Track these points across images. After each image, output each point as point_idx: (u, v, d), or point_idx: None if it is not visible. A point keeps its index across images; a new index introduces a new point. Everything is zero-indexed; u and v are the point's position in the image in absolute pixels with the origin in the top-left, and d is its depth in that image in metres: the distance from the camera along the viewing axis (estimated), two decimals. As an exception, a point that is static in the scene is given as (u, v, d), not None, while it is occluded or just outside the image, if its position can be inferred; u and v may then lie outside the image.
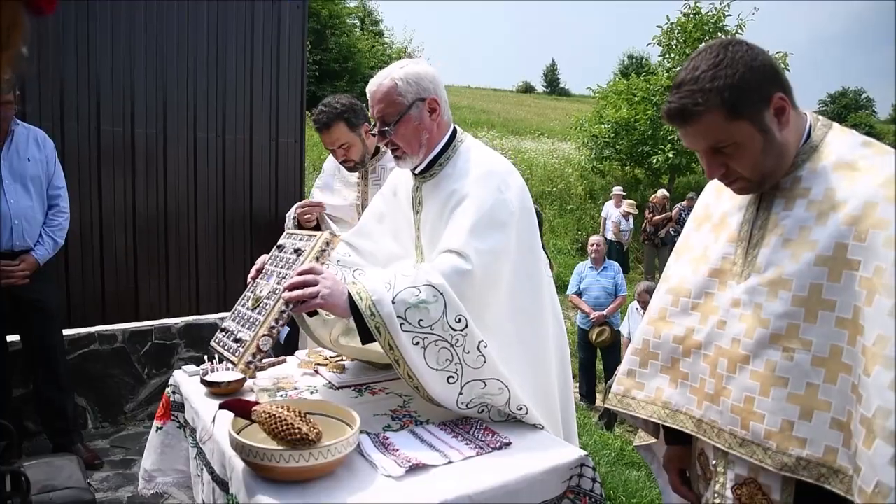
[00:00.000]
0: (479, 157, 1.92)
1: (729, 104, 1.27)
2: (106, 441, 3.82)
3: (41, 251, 3.30)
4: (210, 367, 2.05)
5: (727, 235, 1.48)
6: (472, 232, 1.74)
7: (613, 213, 11.77)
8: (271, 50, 4.51)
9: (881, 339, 1.15)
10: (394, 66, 1.91)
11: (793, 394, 1.28)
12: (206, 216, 4.34)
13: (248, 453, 1.37)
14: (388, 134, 1.89)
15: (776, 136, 1.32)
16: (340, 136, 2.90)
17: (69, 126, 3.78)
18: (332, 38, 22.85)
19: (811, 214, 1.32)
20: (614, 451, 4.48)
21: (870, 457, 1.13)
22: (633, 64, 36.30)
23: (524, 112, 30.77)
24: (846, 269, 1.24)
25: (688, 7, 17.56)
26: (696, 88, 1.29)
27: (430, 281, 1.64)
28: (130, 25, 3.92)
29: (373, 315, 1.60)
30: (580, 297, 6.61)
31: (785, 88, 1.32)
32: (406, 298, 1.61)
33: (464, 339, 1.64)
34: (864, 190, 1.26)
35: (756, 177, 1.36)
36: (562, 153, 19.03)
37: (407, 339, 1.60)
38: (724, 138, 1.31)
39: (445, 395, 1.67)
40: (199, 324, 4.33)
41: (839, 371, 1.24)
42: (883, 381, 1.13)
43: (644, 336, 1.64)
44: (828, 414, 1.24)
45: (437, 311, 1.62)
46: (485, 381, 1.68)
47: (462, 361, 1.64)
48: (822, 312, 1.26)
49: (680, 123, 1.35)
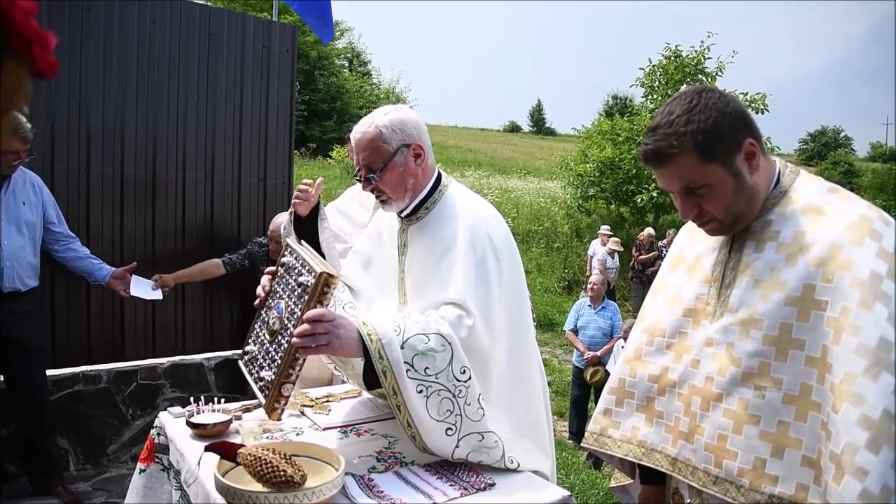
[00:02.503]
0: (465, 202, 1.96)
1: (702, 147, 1.33)
2: (88, 483, 3.75)
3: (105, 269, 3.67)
4: (196, 409, 2.05)
5: (701, 276, 1.53)
6: (469, 282, 1.77)
7: (600, 252, 11.86)
8: (260, 93, 4.59)
9: (848, 377, 1.20)
10: (377, 113, 1.93)
11: (765, 431, 1.32)
12: (193, 255, 4.36)
13: (234, 496, 1.38)
14: (374, 181, 1.90)
15: (747, 179, 1.38)
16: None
17: (59, 167, 3.81)
18: (320, 78, 23.20)
19: (781, 256, 1.37)
20: (602, 491, 4.46)
21: (839, 492, 1.16)
22: (617, 104, 36.98)
23: (511, 151, 31.17)
24: (815, 309, 1.29)
25: (668, 50, 18.02)
26: (671, 132, 1.35)
27: (440, 330, 1.66)
28: (122, 67, 3.99)
29: (381, 358, 1.61)
30: (576, 335, 6.63)
31: (755, 135, 1.39)
32: (415, 345, 1.62)
33: (466, 391, 1.66)
34: (831, 233, 1.31)
35: (728, 218, 1.41)
36: (548, 192, 19.22)
37: (412, 386, 1.61)
38: (697, 179, 1.37)
39: (442, 446, 1.69)
40: (185, 363, 4.30)
41: (809, 409, 1.28)
42: (850, 417, 1.17)
43: (620, 375, 1.67)
44: (799, 452, 1.28)
45: (444, 361, 1.64)
46: (483, 433, 1.69)
47: (462, 413, 1.66)
48: (793, 351, 1.31)
49: (655, 165, 1.40)
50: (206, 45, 4.33)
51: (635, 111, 20.42)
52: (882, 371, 1.18)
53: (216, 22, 4.37)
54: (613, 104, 38.57)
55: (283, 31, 4.76)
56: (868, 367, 1.19)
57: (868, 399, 1.17)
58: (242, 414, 2.13)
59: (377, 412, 2.17)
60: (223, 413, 2.04)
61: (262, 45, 4.58)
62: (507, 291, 1.87)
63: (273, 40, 4.63)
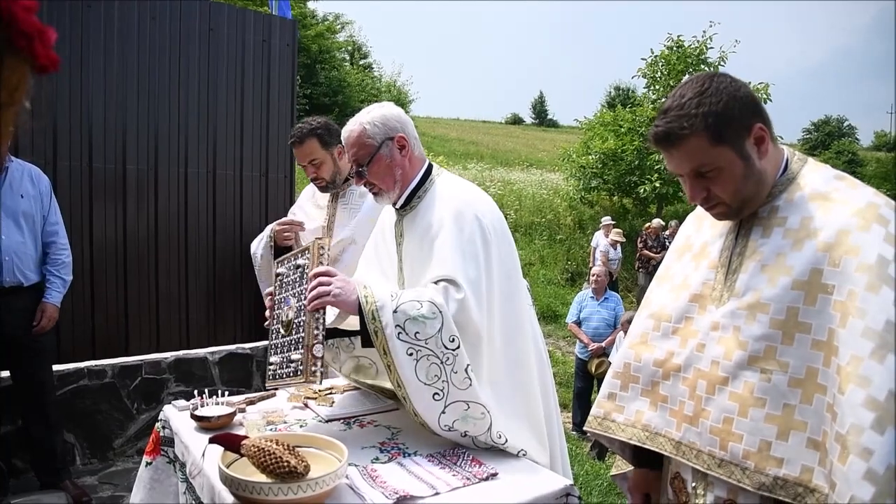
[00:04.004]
0: (453, 188, 2.04)
1: (713, 129, 1.34)
2: (94, 477, 3.78)
3: (54, 294, 3.35)
4: (200, 402, 2.07)
5: (707, 263, 1.53)
6: (458, 260, 1.83)
7: (602, 243, 11.85)
8: (261, 88, 4.59)
9: (855, 359, 1.20)
10: (362, 112, 2.06)
11: (770, 414, 1.32)
12: (197, 251, 4.37)
13: (238, 487, 1.39)
14: (364, 174, 2.02)
15: (756, 163, 1.39)
16: (312, 151, 3.02)
17: (62, 164, 3.82)
18: (322, 72, 23.17)
19: (788, 242, 1.38)
20: (606, 481, 4.47)
21: (844, 472, 1.17)
22: (620, 95, 36.88)
23: (513, 143, 31.09)
24: (821, 293, 1.30)
25: (671, 40, 17.94)
26: (683, 114, 1.36)
27: (433, 299, 1.75)
28: (123, 64, 3.98)
29: (373, 319, 1.73)
30: (579, 327, 6.64)
31: (765, 120, 1.40)
32: (407, 310, 1.72)
33: (454, 359, 1.72)
34: (838, 219, 1.32)
35: (736, 202, 1.42)
36: (550, 184, 19.19)
37: (402, 347, 1.71)
38: (707, 162, 1.38)
39: (429, 410, 1.74)
40: (189, 358, 4.32)
41: (815, 392, 1.28)
42: (856, 398, 1.18)
43: (625, 359, 1.68)
44: (804, 434, 1.28)
45: (434, 328, 1.72)
46: (468, 402, 1.74)
47: (449, 380, 1.72)
48: (799, 335, 1.31)
49: (666, 147, 1.41)
50: (207, 40, 4.32)
51: (638, 102, 20.33)
52: (888, 353, 1.18)
53: (216, 17, 4.36)
54: (616, 95, 38.46)
55: (283, 25, 4.74)
56: (874, 349, 1.19)
57: (874, 381, 1.18)
58: (246, 406, 2.15)
59: (380, 404, 2.19)
60: (227, 406, 2.06)
61: (263, 40, 4.58)
62: (498, 271, 1.91)
63: (273, 34, 4.62)
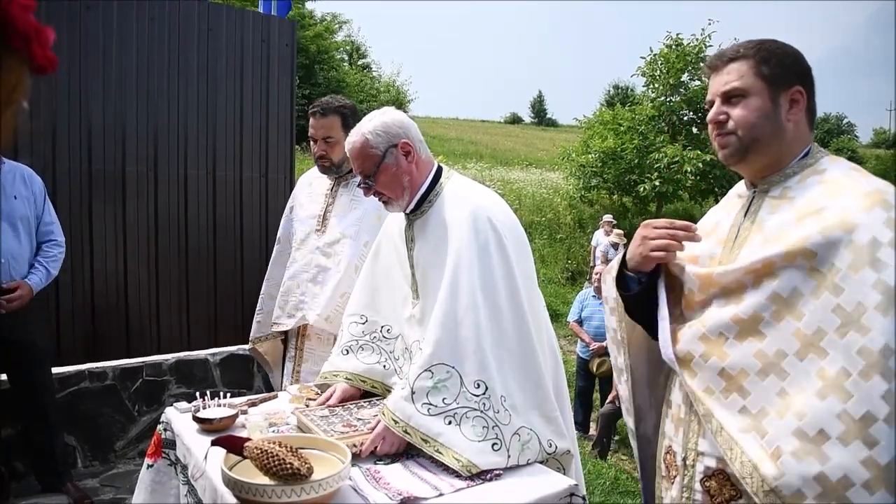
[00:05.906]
0: (465, 192, 1.99)
1: (760, 60, 1.44)
2: (96, 480, 3.77)
3: (35, 279, 3.28)
4: (202, 404, 2.06)
5: (716, 239, 1.57)
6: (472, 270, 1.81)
7: (603, 242, 11.84)
8: (260, 88, 4.59)
9: (819, 332, 1.29)
10: (364, 122, 2.00)
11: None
12: (197, 252, 4.36)
13: (241, 489, 1.39)
14: (371, 185, 1.98)
15: (782, 116, 1.45)
16: (332, 127, 2.91)
17: (61, 166, 3.81)
18: (320, 72, 23.11)
19: (792, 217, 1.41)
20: (608, 481, 4.47)
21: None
22: (619, 94, 36.83)
23: (512, 143, 31.09)
24: (804, 259, 1.34)
25: (670, 39, 17.93)
26: (741, 45, 1.49)
27: (442, 360, 1.73)
28: (122, 65, 3.98)
29: (396, 422, 1.72)
30: (581, 326, 6.61)
31: (808, 90, 1.47)
32: (423, 385, 1.70)
33: (489, 402, 1.70)
34: (843, 201, 1.36)
35: (747, 137, 1.46)
36: (550, 183, 19.18)
37: (439, 421, 1.67)
38: (742, 86, 1.45)
39: (495, 461, 1.68)
40: (191, 359, 4.31)
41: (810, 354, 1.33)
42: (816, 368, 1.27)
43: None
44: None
45: (455, 385, 1.70)
46: (518, 431, 1.72)
47: (497, 423, 1.70)
48: (767, 282, 1.37)
49: (715, 66, 1.51)
50: (206, 40, 4.32)
51: (637, 101, 20.34)
52: (850, 331, 1.24)
53: (215, 17, 4.36)
54: (615, 94, 38.39)
55: (282, 25, 4.75)
56: (839, 326, 1.25)
57: (834, 358, 1.24)
58: (248, 408, 2.14)
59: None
60: (229, 408, 2.05)
61: (262, 40, 4.58)
62: (512, 273, 1.87)
63: (272, 35, 4.63)
